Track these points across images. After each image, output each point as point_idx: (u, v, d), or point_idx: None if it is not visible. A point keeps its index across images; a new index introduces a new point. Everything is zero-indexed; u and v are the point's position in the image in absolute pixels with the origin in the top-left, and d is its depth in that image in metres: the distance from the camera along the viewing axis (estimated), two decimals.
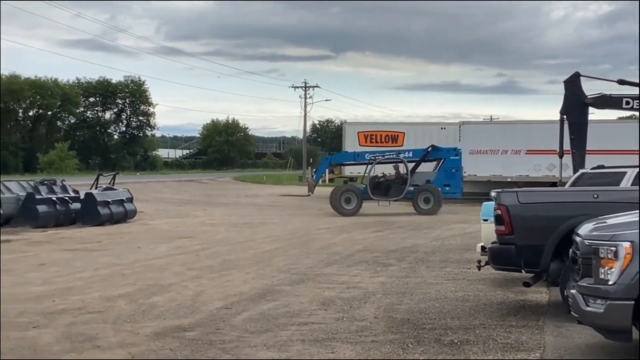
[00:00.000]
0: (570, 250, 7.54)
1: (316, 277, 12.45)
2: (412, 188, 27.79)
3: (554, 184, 26.11)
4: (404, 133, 37.90)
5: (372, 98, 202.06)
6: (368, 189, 27.61)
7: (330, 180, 59.83)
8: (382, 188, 27.96)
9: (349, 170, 39.59)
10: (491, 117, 50.01)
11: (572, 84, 18.06)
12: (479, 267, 11.50)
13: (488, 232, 10.84)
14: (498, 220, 9.30)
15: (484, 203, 11.90)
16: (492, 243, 9.71)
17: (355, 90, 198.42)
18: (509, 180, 33.46)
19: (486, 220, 11.44)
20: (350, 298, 10.46)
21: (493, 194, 9.65)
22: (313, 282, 11.93)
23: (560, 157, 17.98)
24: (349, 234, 20.19)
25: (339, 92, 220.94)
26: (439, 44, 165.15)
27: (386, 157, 28.84)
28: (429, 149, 29.21)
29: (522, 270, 9.50)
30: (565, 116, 18.02)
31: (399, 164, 28.23)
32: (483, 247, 11.50)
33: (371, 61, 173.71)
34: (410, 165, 28.44)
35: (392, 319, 9.14)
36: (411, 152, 29.40)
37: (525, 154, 34.47)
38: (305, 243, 17.82)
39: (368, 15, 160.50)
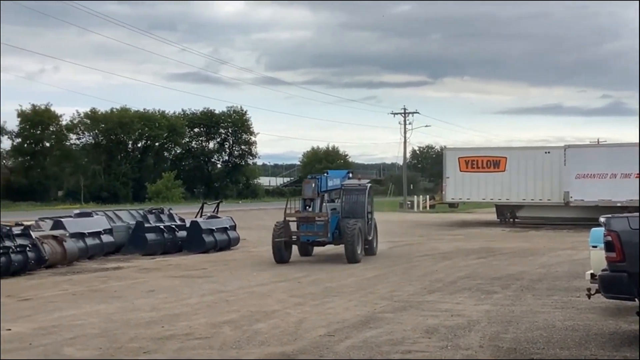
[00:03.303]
0: None
1: (419, 304, 12.32)
2: None
3: None
4: (506, 158, 37.18)
5: (472, 123, 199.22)
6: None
7: (432, 206, 59.37)
8: None
9: (451, 196, 39.16)
10: (598, 139, 48.39)
11: None
12: (589, 296, 11.10)
13: (598, 259, 10.47)
14: (608, 246, 8.96)
15: (593, 229, 11.51)
16: (603, 270, 9.36)
17: (455, 116, 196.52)
18: (618, 205, 32.22)
19: (595, 246, 11.06)
20: (454, 326, 10.29)
21: (602, 219, 9.31)
22: (416, 309, 11.81)
23: None
24: (451, 260, 19.90)
25: (439, 118, 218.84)
26: (541, 67, 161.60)
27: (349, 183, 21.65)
28: (350, 174, 22.82)
29: (636, 299, 9.10)
30: None
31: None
32: (593, 275, 11.11)
33: (470, 86, 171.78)
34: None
35: (498, 348, 8.92)
36: (338, 179, 21.48)
37: (636, 177, 33.14)
38: (406, 270, 17.68)
39: (467, 40, 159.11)
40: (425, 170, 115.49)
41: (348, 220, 19.70)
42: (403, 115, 69.71)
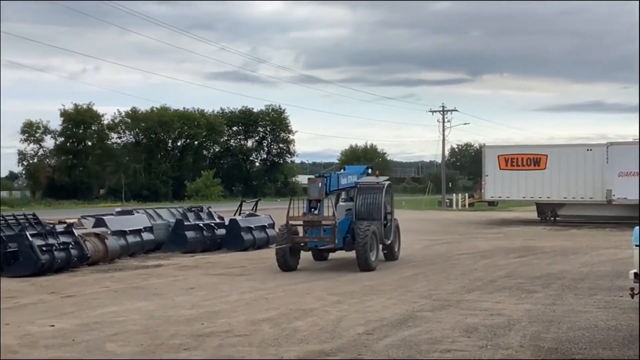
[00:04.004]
0: None
1: (458, 303, 12.25)
2: None
3: None
4: (546, 156, 36.73)
5: (511, 120, 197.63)
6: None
7: (471, 204, 58.90)
8: None
9: (490, 194, 38.79)
10: None
11: None
12: (632, 295, 10.90)
13: None
14: None
15: (636, 227, 11.31)
16: None
17: (494, 113, 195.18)
18: None
19: (639, 245, 10.87)
20: (494, 325, 10.21)
21: None
22: (455, 308, 11.74)
23: None
24: (491, 259, 19.73)
25: (478, 115, 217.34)
26: (582, 63, 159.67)
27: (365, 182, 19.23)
28: (369, 170, 20.30)
29: None
30: None
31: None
32: (636, 274, 10.92)
33: (510, 83, 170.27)
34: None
35: (539, 348, 8.83)
36: (354, 176, 19.25)
37: None
38: (445, 268, 17.58)
39: (507, 36, 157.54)
40: (464, 168, 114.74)
41: (361, 223, 17.40)
42: (441, 112, 69.33)
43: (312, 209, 17.21)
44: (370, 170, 20.17)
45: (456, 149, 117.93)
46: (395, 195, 22.75)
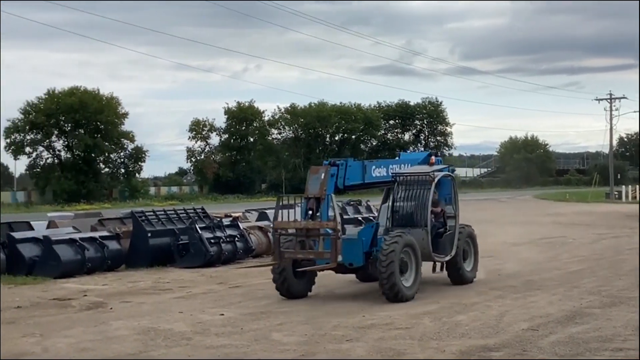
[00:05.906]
0: None
1: (629, 300, 11.66)
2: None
3: None
4: None
5: None
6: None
7: None
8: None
9: None
10: None
11: None
12: None
13: None
14: None
15: None
16: None
17: None
18: None
19: None
20: None
21: None
22: (626, 305, 11.19)
23: None
24: None
25: None
26: None
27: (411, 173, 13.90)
28: (432, 158, 14.59)
29: None
30: None
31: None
32: None
33: None
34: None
35: None
36: (408, 165, 14.49)
37: None
38: (615, 264, 16.75)
39: None
40: (633, 158, 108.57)
41: (390, 233, 12.59)
42: (608, 100, 65.89)
43: (310, 211, 12.29)
44: (434, 159, 14.59)
45: (625, 139, 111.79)
46: (558, 188, 21.05)
